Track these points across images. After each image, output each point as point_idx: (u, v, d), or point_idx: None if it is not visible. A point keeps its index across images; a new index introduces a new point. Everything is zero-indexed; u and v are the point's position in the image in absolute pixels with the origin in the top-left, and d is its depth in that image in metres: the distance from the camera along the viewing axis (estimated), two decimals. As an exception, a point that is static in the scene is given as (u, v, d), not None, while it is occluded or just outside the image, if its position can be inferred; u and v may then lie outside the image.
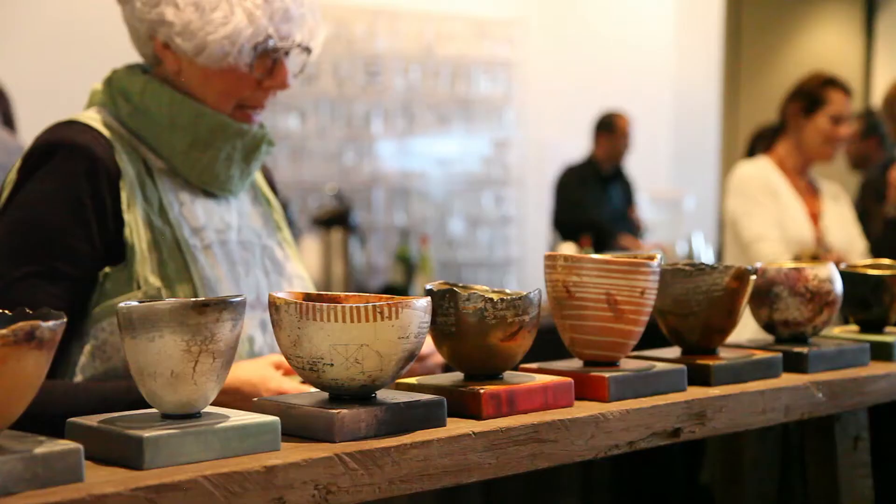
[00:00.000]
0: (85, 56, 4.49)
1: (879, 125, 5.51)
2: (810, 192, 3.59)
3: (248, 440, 0.96)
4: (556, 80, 6.76)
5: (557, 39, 6.85)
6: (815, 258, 3.17)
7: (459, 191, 6.39)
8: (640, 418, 1.18)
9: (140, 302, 0.97)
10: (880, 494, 1.59)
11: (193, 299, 0.94)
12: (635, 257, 1.24)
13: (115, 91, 1.56)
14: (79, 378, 1.45)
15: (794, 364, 1.41)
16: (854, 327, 1.62)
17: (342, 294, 1.12)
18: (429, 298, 1.08)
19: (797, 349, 1.42)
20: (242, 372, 1.41)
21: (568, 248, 4.73)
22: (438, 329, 1.17)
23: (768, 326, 1.47)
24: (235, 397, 1.37)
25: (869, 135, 5.74)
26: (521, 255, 6.58)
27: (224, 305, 0.96)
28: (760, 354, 1.38)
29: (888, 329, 1.60)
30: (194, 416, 0.98)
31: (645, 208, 6.70)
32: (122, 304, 0.96)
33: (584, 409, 1.16)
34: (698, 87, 7.56)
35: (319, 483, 0.95)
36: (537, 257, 5.76)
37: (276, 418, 0.99)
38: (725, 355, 1.36)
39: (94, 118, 1.52)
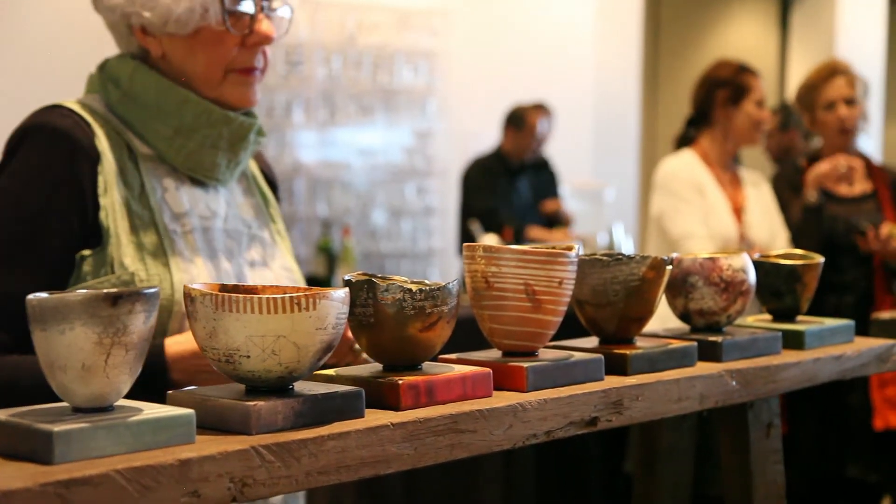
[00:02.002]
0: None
1: (797, 117, 5.62)
2: (733, 184, 3.64)
3: (161, 433, 0.94)
4: (478, 71, 6.77)
5: (480, 30, 6.86)
6: None
7: (382, 182, 6.37)
8: (558, 408, 1.19)
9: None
10: (789, 480, 1.62)
11: (105, 290, 0.93)
12: (553, 248, 1.25)
13: (106, 77, 1.57)
14: None
15: (709, 353, 1.43)
16: (767, 316, 1.65)
17: (259, 285, 1.11)
18: (347, 289, 1.08)
19: (711, 338, 1.44)
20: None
21: (490, 240, 4.75)
22: (357, 320, 1.16)
23: (684, 316, 1.49)
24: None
25: (788, 127, 5.86)
26: (443, 246, 6.59)
27: (137, 297, 0.94)
28: (676, 343, 1.40)
29: (800, 318, 1.64)
30: (106, 409, 0.96)
31: (566, 200, 6.75)
32: (30, 296, 0.94)
33: (503, 399, 1.17)
34: (618, 80, 7.64)
35: (235, 476, 0.94)
36: (460, 248, 5.77)
37: (190, 411, 0.97)
38: (642, 345, 1.37)
39: (78, 104, 1.53)
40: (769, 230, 3.63)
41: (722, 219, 3.51)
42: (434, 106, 6.64)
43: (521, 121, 5.93)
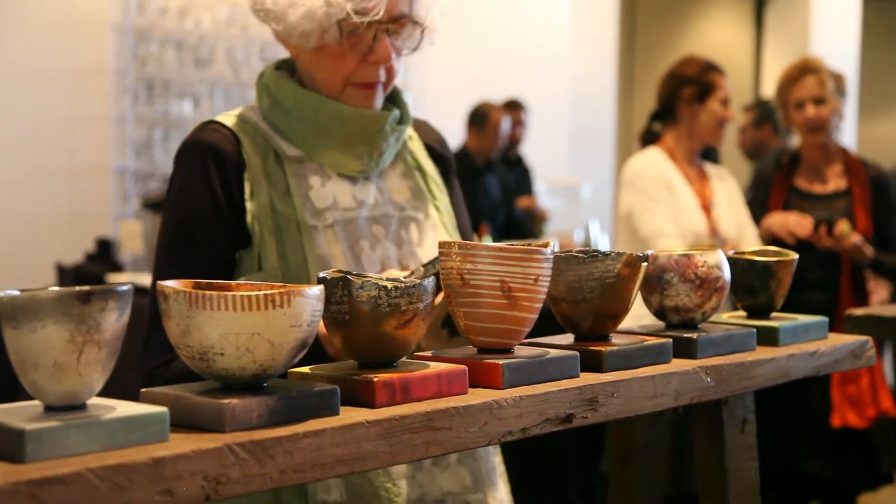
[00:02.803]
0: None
1: (773, 113, 5.65)
2: (700, 179, 3.65)
3: (134, 432, 0.94)
4: (454, 68, 6.77)
5: (456, 27, 6.86)
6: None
7: (357, 178, 6.35)
8: (533, 405, 1.19)
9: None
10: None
11: (77, 288, 0.92)
12: (529, 245, 1.25)
13: (261, 87, 1.71)
14: None
15: (684, 349, 1.43)
16: (742, 313, 1.66)
17: (233, 283, 1.10)
18: (322, 287, 1.07)
19: (686, 335, 1.44)
20: None
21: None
22: (332, 317, 1.16)
23: (659, 313, 1.49)
24: None
25: (762, 123, 5.89)
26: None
27: (109, 295, 0.94)
28: (651, 340, 1.40)
29: (774, 315, 1.64)
30: (79, 407, 0.96)
31: (543, 197, 6.76)
32: (1, 294, 0.93)
33: (478, 397, 1.16)
34: (594, 77, 7.66)
35: (209, 474, 0.93)
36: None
37: (164, 409, 0.97)
38: (617, 341, 1.38)
39: (231, 116, 1.67)
40: (737, 224, 3.64)
41: (691, 215, 3.52)
42: (409, 103, 6.64)
43: (483, 119, 5.93)
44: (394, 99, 1.75)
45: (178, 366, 1.50)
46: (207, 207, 1.60)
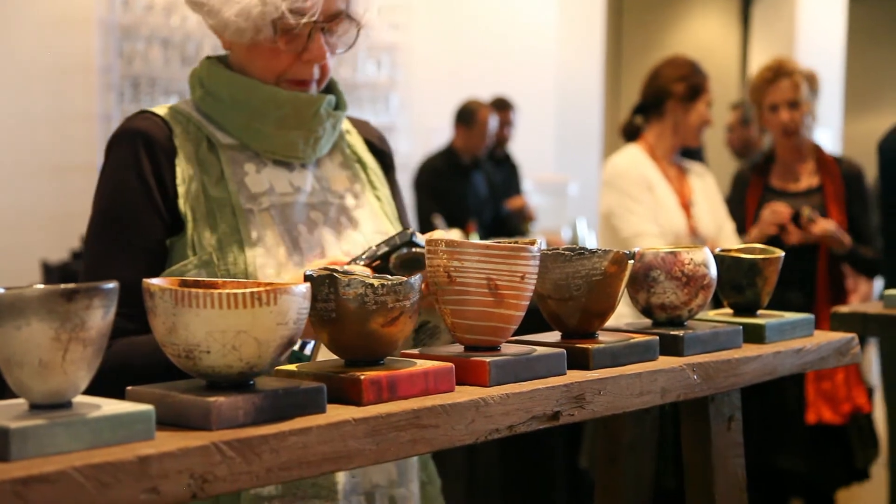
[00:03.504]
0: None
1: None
2: (679, 177, 3.65)
3: (120, 430, 0.93)
4: (441, 66, 6.77)
5: (443, 25, 6.86)
6: None
7: (345, 176, 6.35)
8: (520, 402, 1.19)
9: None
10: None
11: (62, 286, 0.91)
12: (516, 242, 1.25)
13: (194, 80, 1.70)
14: None
15: (671, 347, 1.43)
16: (728, 310, 1.66)
17: (219, 280, 1.10)
18: (308, 284, 1.07)
19: (673, 332, 1.44)
20: None
21: (454, 235, 4.75)
22: (318, 315, 1.16)
23: (646, 310, 1.50)
24: None
25: (749, 122, 5.91)
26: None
27: (95, 292, 0.93)
28: (638, 338, 1.40)
29: (761, 312, 1.64)
30: (64, 405, 0.95)
31: (530, 194, 6.76)
32: (-15, 292, 0.92)
33: (465, 394, 1.16)
34: (581, 74, 7.66)
35: (195, 472, 0.93)
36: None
37: (150, 407, 0.96)
38: (604, 339, 1.38)
39: (163, 107, 1.67)
40: (715, 222, 3.65)
41: (671, 214, 3.52)
42: (396, 101, 6.63)
43: (470, 117, 5.93)
44: (329, 88, 1.73)
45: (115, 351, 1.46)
46: (138, 194, 1.58)
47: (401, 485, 1.66)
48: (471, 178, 5.95)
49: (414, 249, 1.50)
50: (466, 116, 5.93)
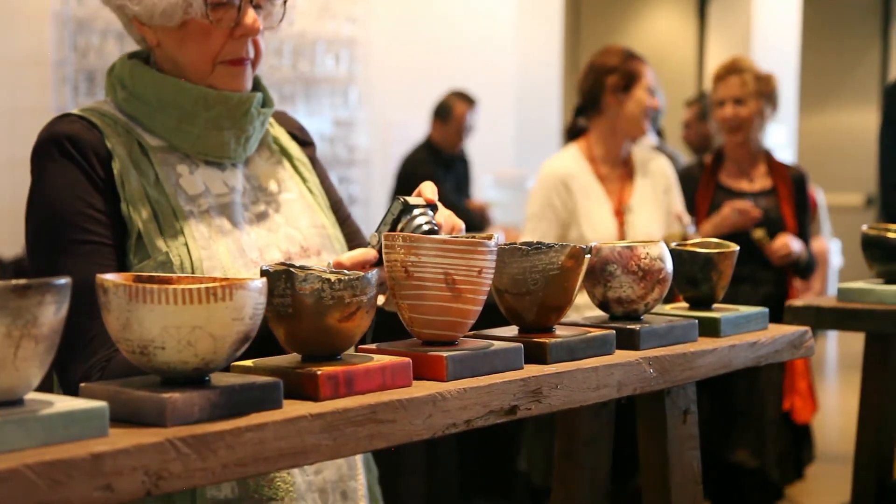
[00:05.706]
0: None
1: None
2: (622, 179, 3.50)
3: (73, 427, 0.93)
4: (399, 59, 6.75)
5: (401, 18, 6.85)
6: None
7: (303, 170, 6.32)
8: (478, 397, 1.19)
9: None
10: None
11: (14, 281, 0.90)
12: (473, 237, 1.25)
13: (114, 80, 1.65)
14: None
15: (627, 341, 1.44)
16: (684, 304, 1.67)
17: (174, 276, 1.09)
18: (264, 279, 1.06)
19: (629, 326, 1.45)
20: None
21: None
22: (275, 310, 1.15)
23: (603, 305, 1.50)
24: None
25: (707, 117, 5.95)
26: (366, 236, 6.56)
27: (47, 288, 0.92)
28: (595, 332, 1.41)
29: (716, 306, 1.66)
30: (16, 403, 0.94)
31: (489, 189, 6.77)
32: (-65, 288, 0.91)
33: (422, 389, 1.16)
34: (540, 69, 7.68)
35: (150, 469, 0.92)
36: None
37: (103, 403, 0.96)
38: (561, 333, 1.38)
39: (89, 109, 1.61)
40: (651, 226, 3.46)
41: (599, 223, 3.37)
42: (355, 94, 6.61)
43: (447, 112, 5.93)
44: (255, 85, 1.70)
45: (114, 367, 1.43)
46: (75, 203, 1.52)
47: (351, 478, 1.66)
48: (453, 171, 5.96)
49: (417, 216, 1.43)
50: (442, 111, 5.92)
